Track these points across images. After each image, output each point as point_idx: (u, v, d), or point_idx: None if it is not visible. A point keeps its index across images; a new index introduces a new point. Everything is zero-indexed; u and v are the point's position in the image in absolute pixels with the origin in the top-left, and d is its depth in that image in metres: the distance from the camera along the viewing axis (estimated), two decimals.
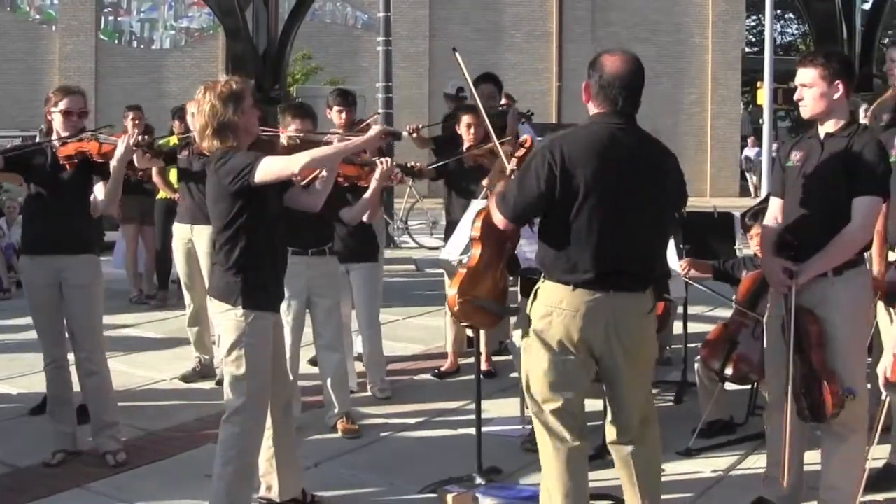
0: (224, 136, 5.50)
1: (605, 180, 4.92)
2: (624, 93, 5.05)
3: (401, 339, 10.48)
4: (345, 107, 9.27)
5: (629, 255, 5.03)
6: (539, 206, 5.03)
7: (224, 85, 5.58)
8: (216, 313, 5.61)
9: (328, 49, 35.65)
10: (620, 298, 5.03)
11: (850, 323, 5.49)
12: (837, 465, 5.63)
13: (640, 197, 5.02)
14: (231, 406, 5.54)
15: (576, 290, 4.99)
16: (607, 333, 5.04)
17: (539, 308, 5.11)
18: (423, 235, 18.39)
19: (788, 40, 54.15)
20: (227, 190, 5.41)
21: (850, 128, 5.52)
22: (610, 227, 4.95)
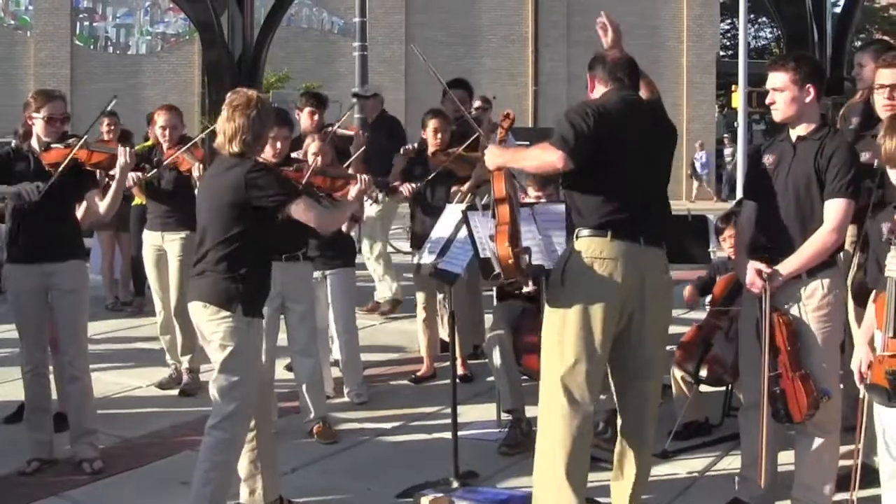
0: (254, 145, 5.65)
1: (635, 134, 5.30)
2: (627, 73, 5.56)
3: (377, 344, 10.47)
4: (315, 108, 9.27)
5: (652, 208, 5.41)
6: (591, 144, 5.16)
7: (268, 99, 5.84)
8: (209, 319, 5.57)
9: (304, 54, 35.66)
10: (650, 252, 5.37)
11: (824, 324, 5.54)
12: (811, 465, 5.69)
13: (659, 154, 5.54)
14: (221, 412, 5.54)
15: (613, 239, 5.25)
16: (640, 285, 5.33)
17: (578, 262, 5.30)
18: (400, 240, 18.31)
19: (762, 44, 54.35)
20: (248, 202, 5.46)
21: (821, 131, 5.58)
22: (638, 178, 5.32)
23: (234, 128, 5.57)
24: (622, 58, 5.62)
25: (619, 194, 5.27)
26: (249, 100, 5.63)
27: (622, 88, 5.49)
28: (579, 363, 5.27)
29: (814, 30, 13.24)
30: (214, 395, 5.59)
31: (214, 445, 5.53)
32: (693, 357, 7.26)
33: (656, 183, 5.54)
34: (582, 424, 5.30)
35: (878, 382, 4.89)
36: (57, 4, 35.92)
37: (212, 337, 5.59)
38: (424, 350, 9.37)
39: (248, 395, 5.56)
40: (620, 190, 5.28)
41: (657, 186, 5.55)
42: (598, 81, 5.56)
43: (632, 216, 5.27)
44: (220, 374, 5.56)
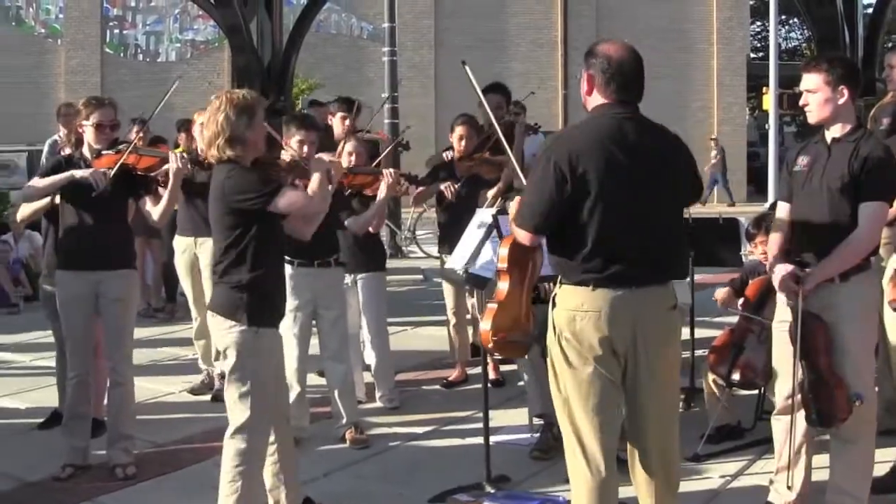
0: (233, 148, 5.50)
1: (614, 173, 4.72)
2: (629, 79, 4.92)
3: (409, 349, 10.48)
4: (347, 113, 9.31)
5: (647, 248, 4.79)
6: (559, 210, 4.76)
7: (240, 96, 5.60)
8: (219, 329, 5.59)
9: (334, 60, 35.72)
10: (643, 294, 4.79)
11: (857, 328, 5.51)
12: (846, 470, 5.63)
13: (652, 187, 4.81)
14: (236, 422, 5.54)
15: (595, 289, 4.76)
16: (634, 332, 4.80)
17: (561, 314, 4.88)
18: (431, 245, 18.34)
19: (793, 45, 54.18)
20: (231, 206, 5.44)
21: (856, 132, 5.54)
22: (625, 221, 4.75)
23: (209, 136, 5.54)
24: (627, 58, 4.95)
25: (600, 247, 4.75)
26: (220, 104, 5.53)
27: (617, 104, 4.89)
28: (583, 422, 4.85)
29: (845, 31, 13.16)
30: (229, 406, 5.60)
31: (232, 457, 5.53)
32: (725, 360, 7.22)
33: (655, 220, 4.83)
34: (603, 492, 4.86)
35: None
36: (87, 13, 36.12)
37: (221, 347, 5.61)
38: (455, 355, 9.37)
39: (261, 404, 5.53)
40: (602, 242, 4.74)
41: (656, 223, 4.84)
42: (595, 87, 4.92)
43: (617, 266, 4.75)
44: (230, 385, 5.56)
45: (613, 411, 4.93)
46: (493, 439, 6.80)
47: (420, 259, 18.62)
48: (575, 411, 4.88)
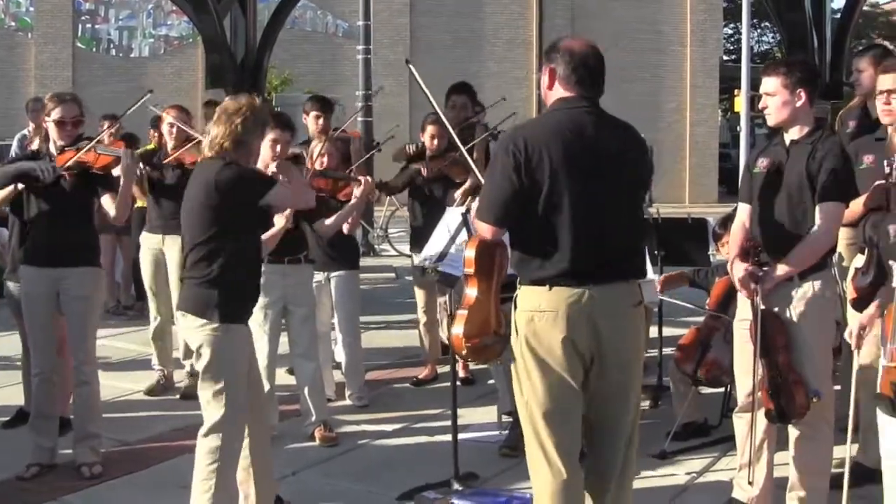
0: (234, 150, 5.55)
1: (571, 167, 4.70)
2: (589, 74, 4.89)
3: (379, 347, 10.52)
4: (321, 112, 9.32)
5: (605, 245, 4.78)
6: (518, 200, 4.74)
7: (262, 106, 5.74)
8: (191, 328, 5.58)
9: (309, 58, 35.67)
10: (602, 291, 4.75)
11: (816, 326, 5.59)
12: (806, 466, 5.72)
13: (610, 182, 4.79)
14: (210, 420, 5.54)
15: (552, 288, 4.73)
16: (593, 330, 4.76)
17: (520, 315, 4.85)
18: (402, 243, 18.36)
19: (765, 48, 54.36)
20: (219, 201, 5.44)
21: (814, 134, 5.61)
22: (581, 217, 4.71)
23: (217, 132, 5.56)
24: (588, 53, 4.92)
25: (556, 243, 4.72)
26: (240, 107, 5.60)
27: (579, 98, 4.87)
28: (545, 424, 4.84)
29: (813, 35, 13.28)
30: (202, 404, 5.60)
31: (206, 454, 5.53)
32: (692, 359, 7.31)
33: (613, 215, 4.81)
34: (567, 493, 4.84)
35: (885, 392, 4.92)
36: (58, 6, 35.87)
37: (192, 345, 5.62)
38: (426, 353, 9.41)
39: (235, 401, 5.54)
40: (558, 238, 4.72)
41: (614, 219, 4.82)
42: (558, 80, 4.92)
43: (573, 263, 4.71)
44: (204, 383, 5.57)
45: (575, 413, 4.92)
46: (461, 437, 6.84)
47: (392, 257, 18.65)
48: (536, 413, 4.88)
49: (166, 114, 9.12)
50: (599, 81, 4.95)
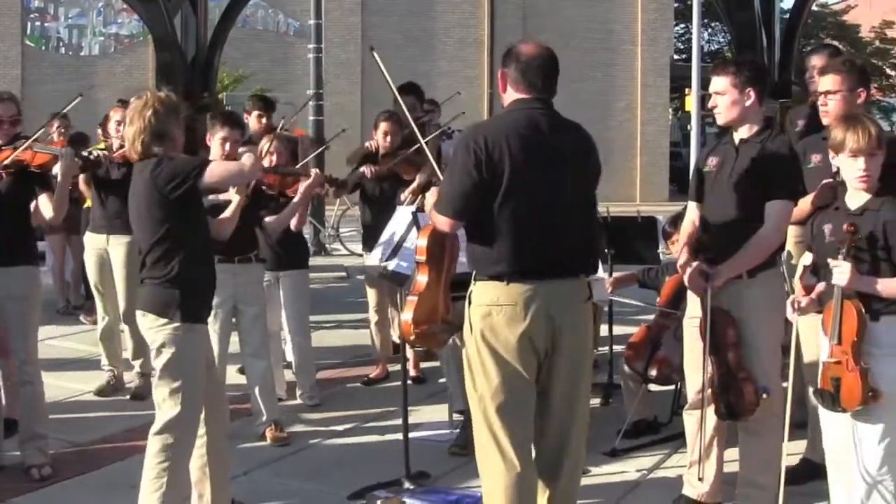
0: (158, 143, 5.52)
1: (528, 165, 4.83)
2: (542, 76, 5.02)
3: (330, 346, 10.50)
4: (263, 111, 9.35)
5: (560, 242, 4.92)
6: (477, 195, 4.84)
7: (166, 95, 5.71)
8: (151, 328, 5.55)
9: (260, 56, 35.52)
10: (556, 286, 4.89)
11: (765, 323, 5.65)
12: (755, 462, 5.78)
13: (565, 180, 4.93)
14: (164, 418, 5.52)
15: (510, 283, 4.84)
16: (549, 325, 4.88)
17: (476, 310, 4.94)
18: (354, 243, 18.34)
19: (716, 48, 54.69)
20: (165, 198, 5.40)
21: (763, 133, 5.66)
22: (537, 213, 4.86)
23: (133, 131, 5.55)
24: (538, 55, 5.06)
25: (514, 238, 4.84)
26: (146, 101, 5.58)
27: (532, 100, 5.01)
28: (498, 416, 4.91)
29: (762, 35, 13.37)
30: (158, 402, 5.57)
31: (159, 451, 5.50)
32: (642, 356, 7.34)
33: (567, 212, 4.94)
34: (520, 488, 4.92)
35: (825, 388, 4.99)
36: (6, 4, 35.42)
37: (153, 345, 5.58)
38: (377, 352, 9.41)
39: (191, 400, 5.53)
40: (516, 232, 4.84)
41: (568, 215, 4.95)
42: (509, 83, 5.07)
43: (531, 258, 4.85)
44: (161, 381, 5.54)
45: (529, 406, 5.00)
46: (412, 436, 6.85)
47: (343, 256, 18.61)
48: (490, 407, 4.93)
49: (112, 112, 9.06)
50: (551, 83, 5.07)
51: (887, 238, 4.90)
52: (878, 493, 5.00)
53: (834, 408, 4.98)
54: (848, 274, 4.83)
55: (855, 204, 5.05)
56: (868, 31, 52.75)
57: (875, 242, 4.93)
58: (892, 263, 4.92)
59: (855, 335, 4.87)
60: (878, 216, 4.94)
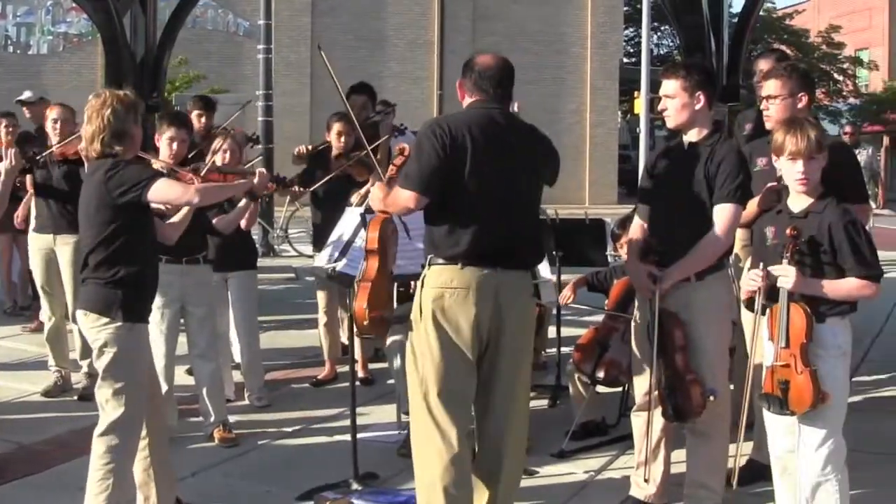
0: (118, 143, 5.50)
1: (487, 154, 5.07)
2: (496, 83, 5.27)
3: (279, 347, 10.48)
4: (204, 111, 9.38)
5: (512, 232, 5.16)
6: (442, 174, 5.05)
7: (125, 94, 5.66)
8: (92, 327, 5.52)
9: (210, 57, 35.36)
10: (508, 275, 5.13)
11: (713, 326, 5.68)
12: (702, 463, 5.82)
13: (519, 174, 5.19)
14: (108, 419, 5.48)
15: (465, 267, 5.06)
16: (497, 312, 5.11)
17: (429, 292, 5.13)
18: (302, 244, 18.33)
19: (665, 52, 54.99)
20: (112, 202, 5.38)
21: (712, 137, 5.71)
22: (494, 203, 5.08)
23: (92, 130, 5.52)
24: (492, 65, 5.32)
25: (472, 222, 5.07)
26: (105, 100, 5.56)
27: (487, 101, 5.27)
28: (440, 395, 5.10)
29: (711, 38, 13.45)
30: (101, 403, 5.54)
31: (104, 452, 5.47)
32: (590, 358, 7.36)
33: (520, 204, 5.24)
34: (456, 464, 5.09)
35: (771, 392, 5.04)
36: None
37: (94, 344, 5.54)
38: (326, 353, 9.41)
39: (135, 400, 5.50)
40: (474, 217, 5.08)
41: (521, 208, 5.26)
42: (466, 91, 5.35)
43: (487, 243, 5.08)
44: (104, 382, 5.50)
45: (469, 393, 5.22)
46: (361, 437, 6.85)
47: (292, 257, 18.58)
48: (432, 390, 5.11)
49: (49, 111, 9.01)
50: (505, 91, 5.34)
51: (832, 240, 4.98)
52: (823, 493, 5.07)
53: (782, 411, 5.04)
54: (793, 277, 4.92)
55: (798, 207, 5.13)
56: (815, 35, 53.22)
57: (818, 245, 5.02)
58: (836, 265, 5.01)
59: (804, 337, 4.95)
60: (821, 218, 5.02)
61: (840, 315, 5.08)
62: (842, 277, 5.02)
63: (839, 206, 5.09)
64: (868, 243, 5.03)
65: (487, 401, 5.28)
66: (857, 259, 4.97)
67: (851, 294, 5.05)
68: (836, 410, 5.03)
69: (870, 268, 5.00)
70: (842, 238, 4.98)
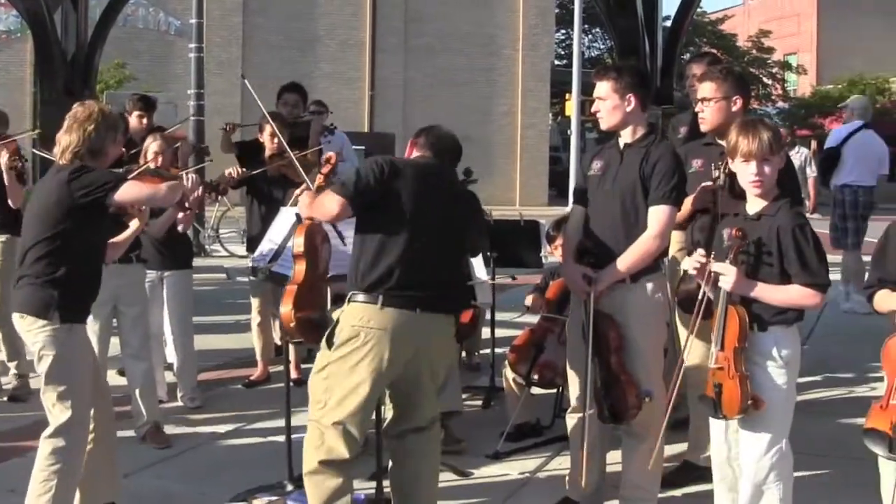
0: (91, 159, 5.51)
1: (424, 196, 5.23)
2: (447, 152, 5.61)
3: (211, 348, 10.40)
4: (144, 111, 9.30)
5: (438, 276, 5.23)
6: (373, 195, 5.17)
7: (111, 113, 5.72)
8: (27, 330, 5.46)
9: (141, 55, 35.09)
10: (429, 319, 5.21)
11: (648, 327, 5.70)
12: (638, 464, 5.81)
13: (450, 225, 5.35)
14: (56, 422, 5.43)
15: (384, 308, 5.09)
16: (417, 354, 5.20)
17: (346, 330, 5.16)
18: (234, 244, 18.24)
19: (596, 54, 55.36)
20: (72, 202, 5.33)
21: (647, 138, 5.73)
22: (421, 243, 5.18)
23: (70, 140, 5.50)
24: (449, 138, 5.69)
25: (400, 256, 5.16)
26: (90, 114, 5.56)
27: (434, 157, 5.56)
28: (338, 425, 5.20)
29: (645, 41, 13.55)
30: (47, 407, 5.49)
31: (51, 454, 5.41)
32: (525, 360, 7.37)
33: (446, 252, 5.40)
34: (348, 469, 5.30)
35: (707, 394, 5.05)
36: None
37: (33, 348, 5.49)
38: (259, 354, 9.36)
39: (81, 402, 5.45)
40: (402, 252, 5.17)
41: (447, 255, 5.42)
42: (416, 148, 5.63)
43: (409, 282, 5.16)
44: (47, 386, 5.46)
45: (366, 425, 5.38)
46: (294, 438, 6.79)
47: (223, 258, 18.48)
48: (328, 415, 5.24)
49: None
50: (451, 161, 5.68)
51: (780, 244, 4.91)
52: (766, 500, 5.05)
53: (716, 415, 5.04)
54: (733, 277, 4.89)
55: (753, 209, 5.09)
56: (745, 40, 53.84)
57: (763, 248, 4.95)
58: (783, 271, 4.92)
59: (736, 341, 4.89)
60: (772, 222, 4.96)
61: (785, 324, 4.99)
62: (788, 283, 4.93)
63: (792, 210, 5.02)
64: (816, 250, 4.90)
65: (398, 429, 5.51)
66: (802, 265, 4.86)
67: (794, 301, 4.94)
68: (777, 419, 4.97)
69: (814, 276, 4.87)
70: (789, 243, 4.88)
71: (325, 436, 5.21)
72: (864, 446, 4.86)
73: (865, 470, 5.17)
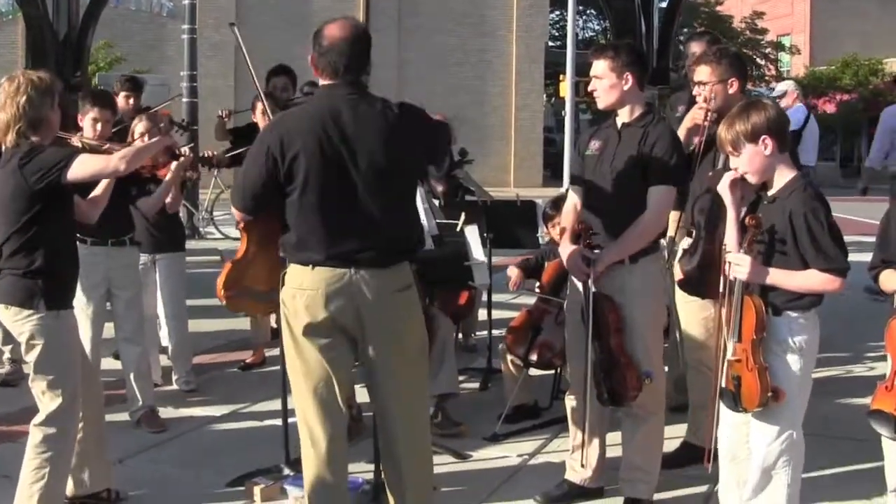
0: (33, 132, 5.35)
1: (326, 156, 4.75)
2: (343, 58, 4.88)
3: (206, 331, 10.36)
4: (131, 92, 9.29)
5: (366, 230, 4.84)
6: (268, 192, 4.87)
7: (39, 77, 5.45)
8: (15, 320, 5.40)
9: (133, 37, 34.97)
10: (366, 275, 4.84)
11: (647, 308, 5.66)
12: (638, 446, 5.80)
13: (370, 168, 4.81)
14: (47, 410, 5.39)
15: (315, 268, 4.83)
16: (358, 313, 4.86)
17: (285, 293, 4.96)
18: (228, 226, 18.17)
19: (590, 35, 55.37)
20: (30, 189, 5.24)
21: (646, 118, 5.69)
22: (338, 203, 4.80)
23: (6, 119, 5.35)
24: (341, 34, 4.92)
25: (316, 228, 4.82)
26: (18, 86, 5.37)
27: (337, 86, 4.91)
28: (302, 396, 4.99)
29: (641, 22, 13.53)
30: (37, 395, 5.45)
31: (42, 441, 5.38)
32: (523, 341, 7.35)
33: (376, 197, 4.83)
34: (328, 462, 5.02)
35: (727, 387, 4.96)
36: None
37: (20, 338, 5.43)
38: (254, 337, 9.33)
39: (71, 389, 5.41)
40: (318, 222, 4.82)
41: (378, 200, 4.83)
42: (317, 67, 4.97)
43: (336, 247, 4.81)
44: (37, 375, 5.41)
45: (337, 391, 4.99)
46: (291, 421, 6.74)
47: (218, 240, 18.43)
48: (298, 394, 5.04)
49: None
50: (357, 66, 4.96)
51: (793, 229, 4.78)
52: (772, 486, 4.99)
53: (736, 408, 4.93)
54: (748, 267, 4.77)
55: (770, 192, 4.96)
56: (739, 21, 53.84)
57: (776, 235, 4.83)
58: (799, 256, 4.79)
59: (754, 332, 4.78)
60: (784, 205, 4.83)
61: (800, 309, 4.86)
62: (806, 268, 4.79)
63: (805, 193, 4.84)
64: (832, 234, 4.76)
65: (376, 405, 5.14)
66: (817, 250, 4.73)
67: (812, 287, 4.81)
68: (790, 406, 4.87)
69: (830, 261, 4.73)
70: (802, 228, 4.74)
71: (305, 415, 5.03)
72: (865, 426, 4.83)
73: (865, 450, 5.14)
